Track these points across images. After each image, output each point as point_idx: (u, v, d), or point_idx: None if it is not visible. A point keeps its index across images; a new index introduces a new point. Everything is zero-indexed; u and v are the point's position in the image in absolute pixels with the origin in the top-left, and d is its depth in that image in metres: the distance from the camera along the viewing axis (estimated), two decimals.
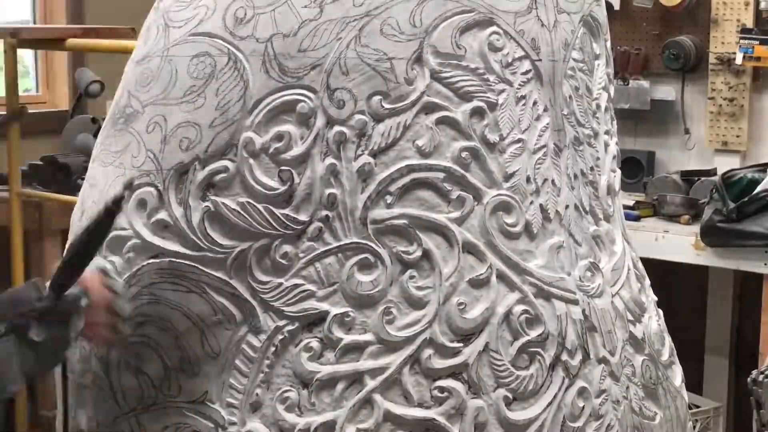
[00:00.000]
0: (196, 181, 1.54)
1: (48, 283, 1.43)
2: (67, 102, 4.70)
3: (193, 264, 1.54)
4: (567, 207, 1.67)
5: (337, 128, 1.55)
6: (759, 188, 3.15)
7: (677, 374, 1.88)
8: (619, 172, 1.88)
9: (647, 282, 1.88)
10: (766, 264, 3.09)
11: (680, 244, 3.26)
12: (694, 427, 1.97)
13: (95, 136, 1.75)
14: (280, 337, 1.54)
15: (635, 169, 3.86)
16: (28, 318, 1.40)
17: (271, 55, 1.55)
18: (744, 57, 3.67)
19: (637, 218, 3.42)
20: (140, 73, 1.63)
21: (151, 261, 1.56)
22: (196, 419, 1.56)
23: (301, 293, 1.54)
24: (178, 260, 1.54)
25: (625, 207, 2.05)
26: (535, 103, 1.65)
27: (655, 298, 1.89)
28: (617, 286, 1.76)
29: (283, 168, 1.54)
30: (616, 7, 4.38)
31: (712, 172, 3.61)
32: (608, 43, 1.87)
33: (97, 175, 1.64)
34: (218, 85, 1.56)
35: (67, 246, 1.54)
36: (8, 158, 3.53)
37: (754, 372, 2.26)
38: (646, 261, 1.97)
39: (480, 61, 1.60)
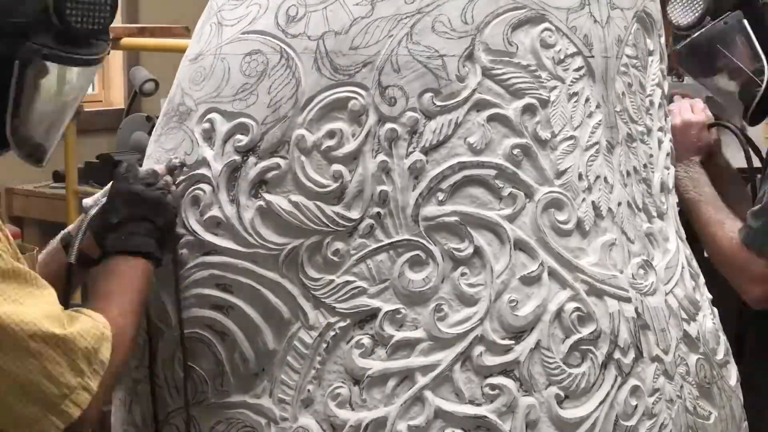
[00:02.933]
0: (248, 178, 1.56)
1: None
2: (123, 100, 4.76)
3: (245, 261, 1.55)
4: (620, 204, 1.66)
5: (388, 125, 1.55)
6: None
7: (732, 373, 1.85)
8: (672, 169, 1.86)
9: (702, 280, 1.86)
10: None
11: None
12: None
13: (150, 134, 1.77)
14: (332, 333, 1.54)
15: None
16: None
17: (323, 53, 1.55)
18: None
19: None
20: (194, 71, 1.64)
21: (204, 257, 1.57)
22: (248, 415, 1.57)
23: (352, 290, 1.55)
24: (230, 257, 1.56)
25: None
26: (587, 99, 1.64)
27: (710, 297, 1.87)
28: (671, 284, 1.74)
29: (334, 165, 1.54)
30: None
31: None
32: (662, 39, 1.85)
33: None
34: (270, 82, 1.57)
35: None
36: (65, 156, 3.58)
37: None
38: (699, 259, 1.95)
39: (532, 57, 1.59)
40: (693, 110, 2.23)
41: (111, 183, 1.58)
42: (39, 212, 4.14)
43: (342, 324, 1.55)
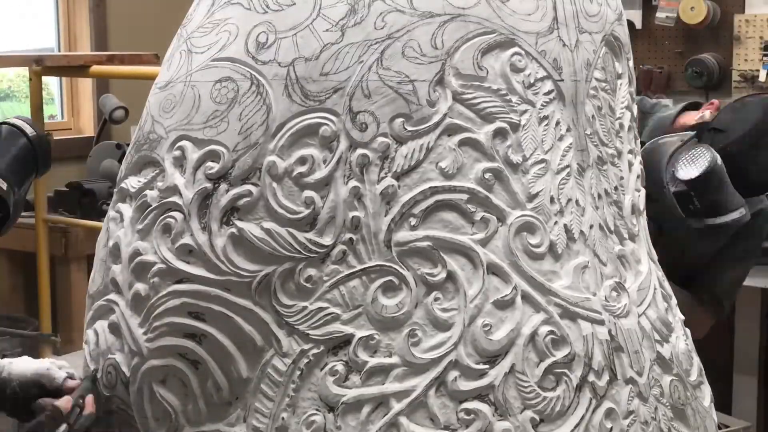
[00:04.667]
0: (219, 205, 1.55)
1: None
2: (92, 128, 4.74)
3: (217, 288, 1.55)
4: (591, 227, 1.67)
5: (360, 151, 1.55)
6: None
7: (706, 394, 1.86)
8: (643, 191, 1.87)
9: (674, 301, 1.87)
10: None
11: None
12: None
13: (120, 161, 1.76)
14: (305, 360, 1.54)
15: None
16: None
17: (294, 79, 1.55)
18: None
19: None
20: (164, 98, 1.64)
21: (175, 286, 1.56)
22: None
23: (325, 316, 1.54)
24: (202, 285, 1.55)
25: None
26: (557, 123, 1.64)
27: (682, 317, 1.88)
28: (643, 305, 1.74)
29: (306, 192, 1.54)
30: (639, 26, 4.38)
31: None
32: (630, 62, 1.87)
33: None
34: (241, 109, 1.56)
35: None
36: (34, 185, 3.56)
37: None
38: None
39: (502, 81, 1.60)
40: None
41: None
42: (8, 241, 4.10)
43: (315, 351, 1.54)
